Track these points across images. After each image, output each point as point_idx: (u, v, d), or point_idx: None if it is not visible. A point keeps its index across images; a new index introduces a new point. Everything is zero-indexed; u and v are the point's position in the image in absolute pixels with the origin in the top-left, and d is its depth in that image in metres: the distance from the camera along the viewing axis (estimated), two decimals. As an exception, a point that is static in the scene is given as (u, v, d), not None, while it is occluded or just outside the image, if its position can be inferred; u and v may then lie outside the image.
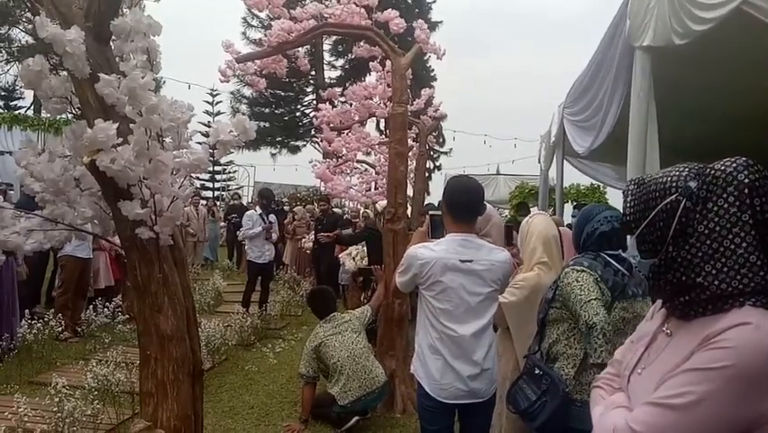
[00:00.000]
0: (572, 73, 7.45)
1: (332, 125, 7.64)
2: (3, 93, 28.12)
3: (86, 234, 2.29)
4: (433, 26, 26.47)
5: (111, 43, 2.23)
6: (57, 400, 3.64)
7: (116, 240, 2.23)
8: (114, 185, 2.04)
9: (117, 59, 2.19)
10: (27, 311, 5.54)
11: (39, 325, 5.21)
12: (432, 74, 26.51)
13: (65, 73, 2.16)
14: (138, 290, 2.10)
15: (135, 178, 2.00)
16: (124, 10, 2.31)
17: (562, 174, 10.17)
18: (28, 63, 2.07)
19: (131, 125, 1.95)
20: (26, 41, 22.67)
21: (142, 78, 1.92)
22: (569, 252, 3.62)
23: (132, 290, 2.14)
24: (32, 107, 23.91)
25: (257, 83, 6.65)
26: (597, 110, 6.44)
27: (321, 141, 8.17)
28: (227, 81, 6.23)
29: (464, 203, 2.88)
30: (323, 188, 8.99)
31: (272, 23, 5.98)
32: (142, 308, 2.10)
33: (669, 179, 1.46)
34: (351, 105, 7.56)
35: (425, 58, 21.01)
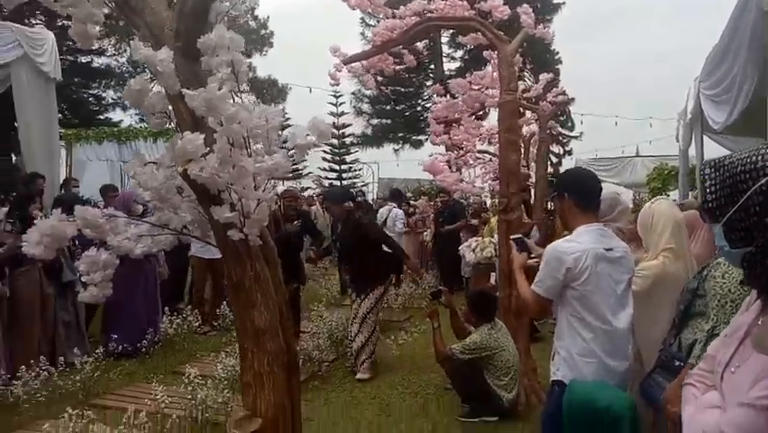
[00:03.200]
0: (710, 46, 6.92)
1: (438, 119, 7.64)
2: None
3: (190, 237, 2.50)
4: (555, 8, 25.50)
5: (200, 59, 2.40)
6: (190, 388, 4.01)
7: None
8: (206, 191, 2.20)
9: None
10: (167, 308, 6.09)
11: (177, 320, 5.74)
12: (556, 57, 25.51)
13: (162, 90, 2.36)
14: (233, 288, 2.26)
15: (223, 184, 2.14)
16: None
17: (702, 152, 9.43)
18: (130, 83, 2.29)
19: (214, 135, 2.09)
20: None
21: (219, 89, 2.05)
22: (704, 239, 3.38)
23: (229, 288, 2.30)
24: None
25: (367, 82, 6.81)
26: (731, 83, 5.97)
27: (431, 135, 8.19)
28: (337, 84, 6.47)
29: (597, 192, 2.85)
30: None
31: (377, 22, 6.11)
32: (237, 304, 2.25)
33: (758, 158, 1.33)
34: (458, 97, 7.49)
35: (548, 41, 20.34)
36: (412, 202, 13.42)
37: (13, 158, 18.40)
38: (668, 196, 13.45)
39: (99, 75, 23.65)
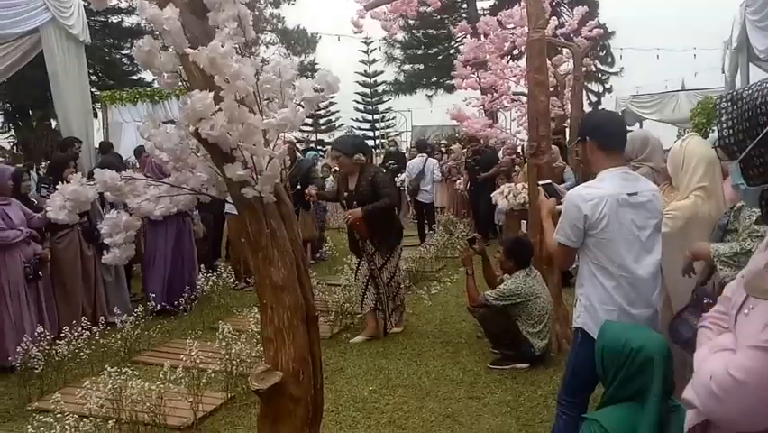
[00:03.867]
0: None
1: (466, 62, 7.44)
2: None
3: (209, 196, 2.51)
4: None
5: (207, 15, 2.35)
6: (224, 343, 4.11)
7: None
8: (218, 150, 2.19)
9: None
10: (203, 266, 6.22)
11: (213, 277, 5.86)
12: (594, -10, 24.50)
13: (172, 49, 2.33)
14: (251, 245, 2.27)
15: (233, 142, 2.13)
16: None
17: (748, 83, 8.98)
18: (139, 44, 2.27)
19: (220, 93, 2.06)
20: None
21: (223, 45, 2.01)
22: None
23: (247, 245, 2.31)
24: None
25: (391, 27, 6.65)
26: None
27: (454, 78, 7.98)
28: (360, 31, 6.33)
29: (620, 134, 2.76)
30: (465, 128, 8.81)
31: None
32: (256, 261, 2.27)
33: None
34: (485, 37, 7.27)
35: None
36: (445, 150, 13.30)
37: (53, 123, 18.88)
38: (712, 131, 12.95)
39: (130, 34, 23.71)
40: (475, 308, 4.88)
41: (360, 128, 29.78)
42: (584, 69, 9.34)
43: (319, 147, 21.03)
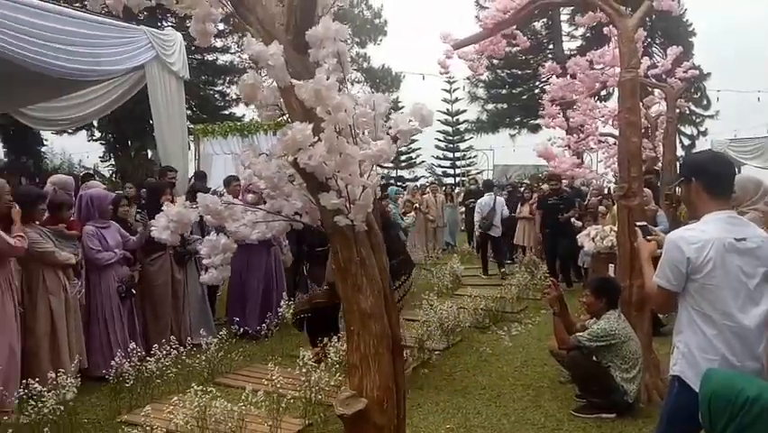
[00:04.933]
0: None
1: (554, 101, 7.36)
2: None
3: (300, 223, 2.60)
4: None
5: (308, 52, 2.47)
6: (305, 370, 4.18)
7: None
8: (314, 179, 2.28)
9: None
10: (284, 294, 6.36)
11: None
12: (690, 28, 23.80)
13: (274, 84, 2.46)
14: (340, 272, 2.33)
15: (330, 171, 2.21)
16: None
17: None
18: (243, 78, 2.41)
19: (321, 124, 2.15)
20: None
21: (327, 79, 2.10)
22: None
23: (336, 272, 2.36)
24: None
25: (477, 67, 6.70)
26: None
27: (545, 118, 7.87)
28: (447, 72, 6.41)
29: (728, 175, 2.64)
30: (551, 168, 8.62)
31: (489, 3, 5.98)
32: (345, 287, 2.32)
33: None
34: (575, 77, 7.18)
35: (676, 14, 19.01)
36: (524, 187, 13.10)
37: (149, 153, 20.10)
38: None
39: (224, 72, 25.11)
40: (564, 350, 4.67)
41: (440, 166, 29.91)
42: (678, 110, 9.05)
43: (399, 183, 21.26)
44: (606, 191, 10.18)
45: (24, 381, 3.95)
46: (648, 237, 3.07)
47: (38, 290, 4.67)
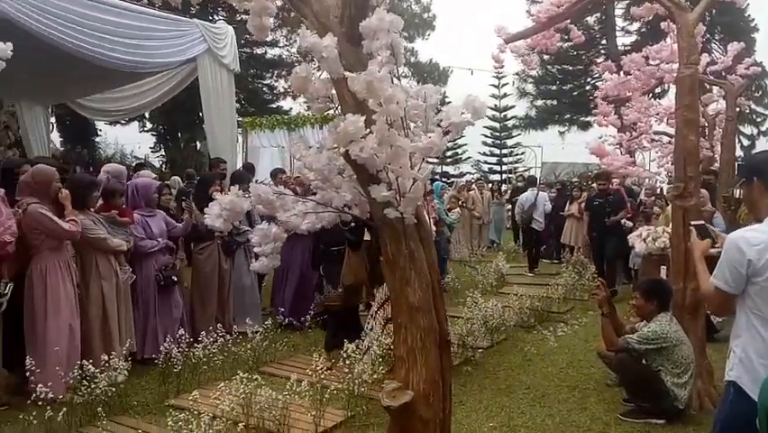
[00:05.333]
0: None
1: (607, 98, 7.17)
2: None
3: (349, 215, 2.60)
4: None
5: (362, 43, 2.47)
6: (348, 362, 4.20)
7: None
8: (365, 171, 2.28)
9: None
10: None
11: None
12: (752, 24, 22.90)
13: (326, 75, 2.47)
14: (389, 264, 2.32)
15: (381, 164, 2.20)
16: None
17: None
18: (296, 71, 2.42)
19: (373, 116, 2.14)
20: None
21: (379, 71, 2.09)
22: None
23: (384, 264, 2.35)
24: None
25: (530, 61, 6.60)
26: None
27: (598, 116, 7.66)
28: (501, 66, 6.34)
29: None
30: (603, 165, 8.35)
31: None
32: (393, 280, 2.31)
33: None
34: (629, 73, 6.98)
35: (741, 6, 18.31)
36: (573, 186, 12.84)
37: (198, 145, 20.56)
38: None
39: (272, 65, 25.44)
40: (613, 352, 4.54)
41: (486, 162, 29.60)
42: (737, 109, 8.70)
43: (444, 179, 21.14)
44: (658, 191, 9.88)
45: (79, 362, 4.09)
46: (706, 237, 2.96)
47: (91, 275, 4.81)
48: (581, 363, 5.67)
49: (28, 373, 3.97)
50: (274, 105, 24.68)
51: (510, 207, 14.62)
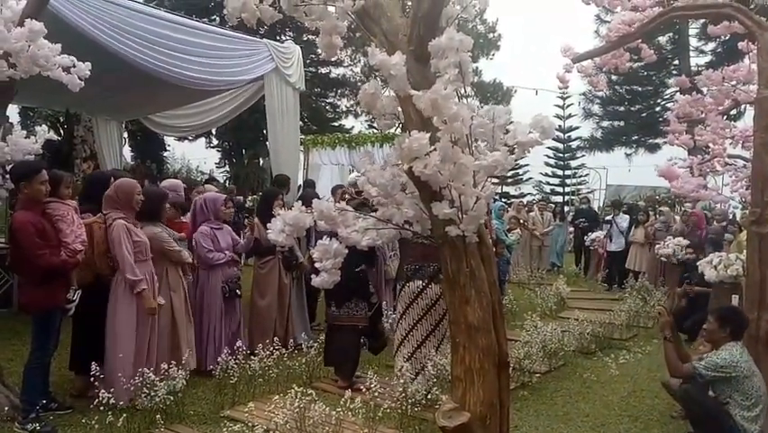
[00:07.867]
0: None
1: (680, 118, 6.90)
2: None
3: (410, 232, 2.60)
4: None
5: (430, 62, 2.48)
6: (402, 381, 4.17)
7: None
8: (428, 188, 2.27)
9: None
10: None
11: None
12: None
13: (393, 93, 2.49)
14: (449, 283, 2.30)
15: (444, 181, 2.20)
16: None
17: None
18: (364, 88, 2.45)
19: (437, 134, 2.15)
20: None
21: (445, 89, 2.09)
22: None
23: (444, 283, 2.34)
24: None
25: (597, 82, 6.47)
26: None
27: (669, 135, 7.35)
28: (566, 87, 6.24)
29: None
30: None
31: (612, 17, 5.75)
32: (452, 299, 2.29)
33: None
34: (701, 92, 6.72)
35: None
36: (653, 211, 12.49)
37: (261, 161, 21.10)
38: None
39: (336, 84, 25.90)
40: (677, 378, 4.34)
41: (548, 183, 29.06)
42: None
43: (504, 199, 20.90)
44: (730, 216, 9.46)
45: (140, 369, 4.21)
46: None
47: (161, 286, 4.93)
48: (644, 392, 5.46)
49: (92, 379, 4.06)
50: (336, 124, 25.07)
51: (572, 229, 14.28)
